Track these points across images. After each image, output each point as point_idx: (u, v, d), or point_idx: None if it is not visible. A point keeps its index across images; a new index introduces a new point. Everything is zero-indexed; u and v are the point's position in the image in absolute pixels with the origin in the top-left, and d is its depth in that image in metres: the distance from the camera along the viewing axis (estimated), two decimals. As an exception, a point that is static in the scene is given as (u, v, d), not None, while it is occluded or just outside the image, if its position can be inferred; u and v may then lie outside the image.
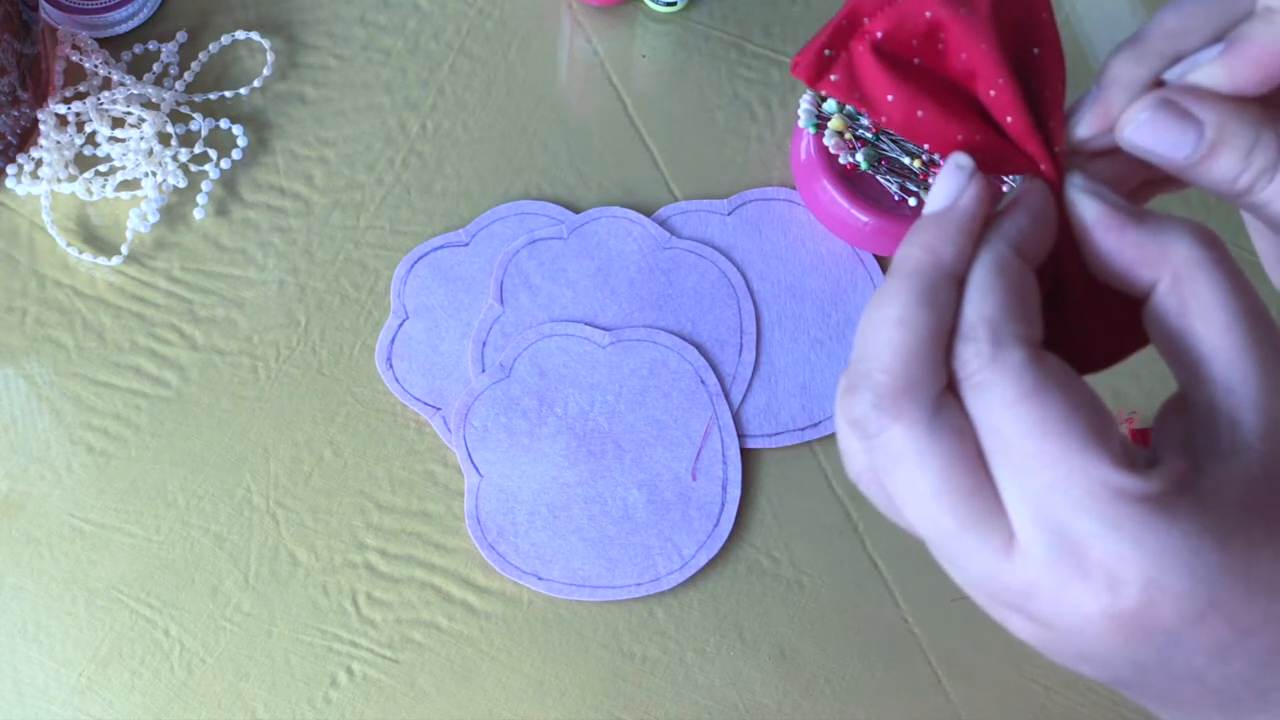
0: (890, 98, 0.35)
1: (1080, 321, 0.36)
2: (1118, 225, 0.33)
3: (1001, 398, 0.31)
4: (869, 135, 0.65)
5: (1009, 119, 0.35)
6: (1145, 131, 0.34)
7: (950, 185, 0.34)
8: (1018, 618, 0.32)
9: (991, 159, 0.35)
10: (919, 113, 0.35)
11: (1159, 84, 0.36)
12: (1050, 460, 0.30)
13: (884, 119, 0.35)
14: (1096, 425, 0.30)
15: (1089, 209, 0.34)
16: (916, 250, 0.33)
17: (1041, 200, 0.34)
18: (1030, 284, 0.33)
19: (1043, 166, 0.35)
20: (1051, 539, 0.30)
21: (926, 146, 0.35)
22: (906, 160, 0.65)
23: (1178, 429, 0.32)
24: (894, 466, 0.32)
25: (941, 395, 0.32)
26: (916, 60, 0.36)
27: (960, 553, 0.31)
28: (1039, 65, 0.36)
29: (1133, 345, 0.36)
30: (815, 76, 0.36)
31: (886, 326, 0.32)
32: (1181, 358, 0.32)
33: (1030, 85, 0.35)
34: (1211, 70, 0.34)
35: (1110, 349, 0.37)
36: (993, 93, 0.35)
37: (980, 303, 0.32)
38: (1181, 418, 0.33)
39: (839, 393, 0.33)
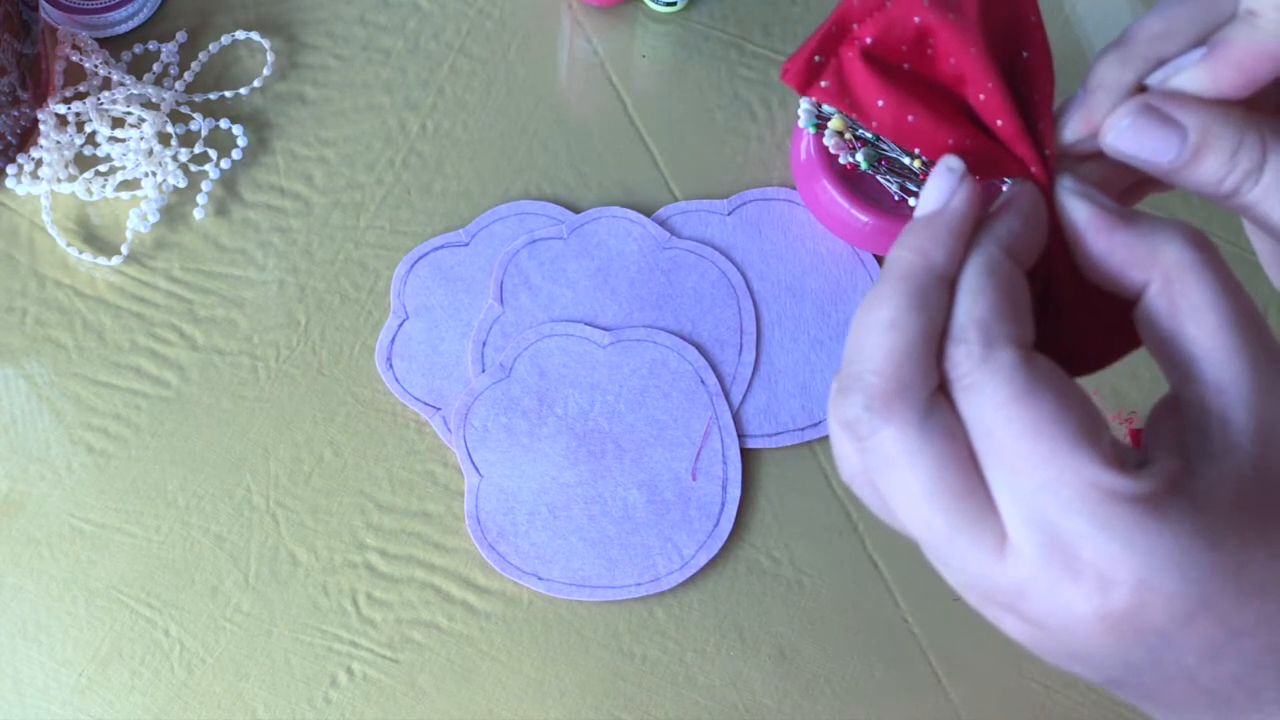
0: (880, 103, 0.35)
1: (1072, 323, 0.36)
2: (1108, 227, 0.33)
3: (992, 399, 0.31)
4: (869, 135, 0.65)
5: (999, 122, 0.35)
6: (1127, 137, 0.34)
7: (941, 188, 0.34)
8: (1010, 618, 0.32)
9: (982, 162, 0.35)
10: (909, 117, 0.35)
11: (1142, 89, 0.36)
12: (1041, 461, 0.30)
13: (874, 124, 0.35)
14: (1087, 426, 0.31)
15: (1079, 211, 0.34)
16: (907, 253, 0.33)
17: (1032, 202, 0.34)
18: (1021, 285, 0.33)
19: (1033, 169, 0.35)
20: (1043, 539, 0.30)
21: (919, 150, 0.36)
22: (907, 160, 0.65)
23: (1170, 430, 0.33)
24: (886, 468, 0.32)
25: (933, 397, 0.32)
26: (906, 65, 0.36)
27: (953, 554, 0.32)
28: (1028, 68, 0.36)
29: (1125, 347, 0.36)
30: (805, 83, 0.36)
31: (878, 329, 0.32)
32: (1173, 359, 0.32)
33: (1019, 88, 0.36)
34: (1194, 74, 0.35)
35: (1103, 351, 0.37)
36: (982, 96, 0.35)
37: (971, 304, 0.32)
38: (1173, 418, 0.33)
39: (831, 395, 0.33)
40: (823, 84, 0.36)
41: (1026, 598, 0.31)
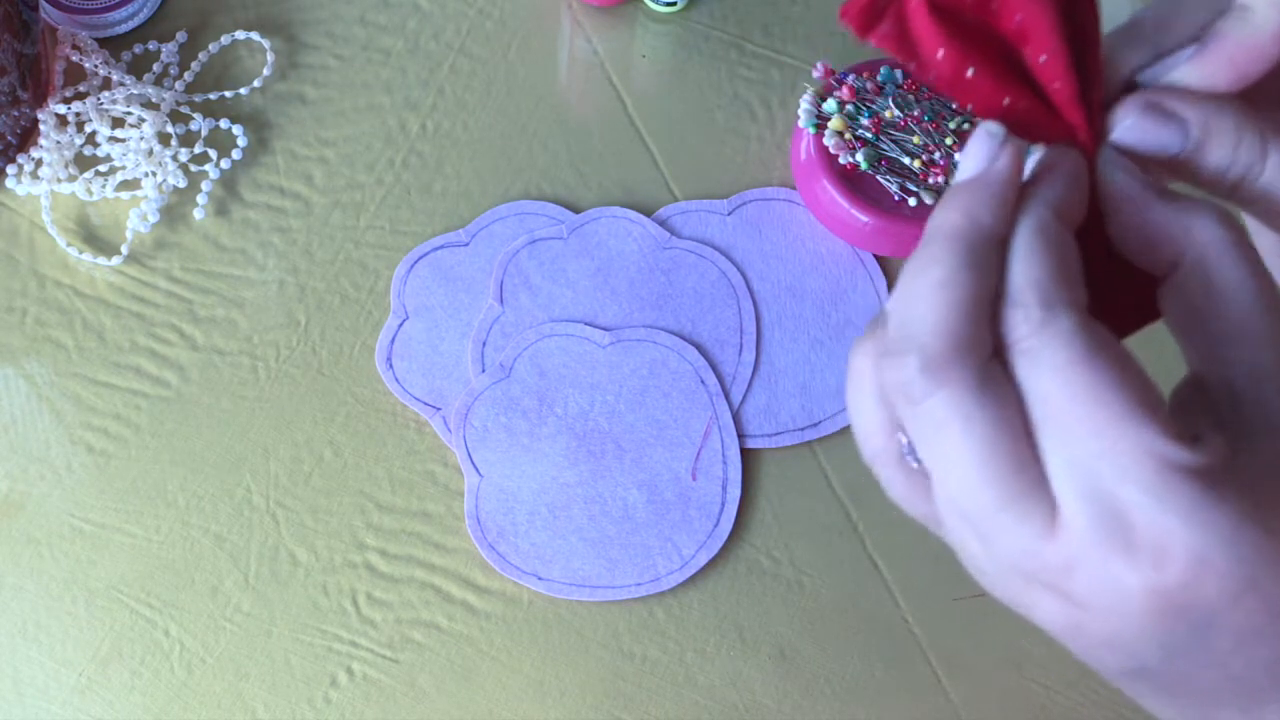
0: (941, 54, 0.34)
1: (1095, 293, 0.36)
2: (1147, 200, 0.33)
3: (1052, 363, 0.30)
4: (869, 135, 0.65)
5: (1056, 85, 0.34)
6: (1134, 133, 0.35)
7: (981, 152, 0.34)
8: (1050, 599, 0.31)
9: (1029, 126, 0.35)
10: (969, 71, 0.34)
11: (1133, 86, 0.36)
12: (1100, 428, 0.30)
13: (933, 75, 0.35)
14: (1146, 396, 0.30)
15: (1122, 182, 0.34)
16: (953, 214, 0.32)
17: (1077, 168, 0.34)
18: (1072, 249, 0.32)
19: (1080, 136, 0.35)
20: (1097, 511, 0.29)
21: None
22: (906, 160, 0.65)
23: (1197, 411, 0.32)
24: (935, 435, 0.31)
25: (989, 361, 0.31)
26: (969, 17, 0.35)
27: (999, 527, 0.31)
28: (1082, 34, 0.35)
29: (1142, 321, 0.36)
30: (865, 26, 0.35)
31: (930, 290, 0.31)
32: (1201, 337, 0.32)
33: (1078, 54, 0.35)
34: (1187, 70, 0.35)
35: (1121, 323, 0.36)
36: (1043, 58, 0.34)
37: (1027, 267, 0.31)
38: (1200, 399, 0.32)
39: (871, 362, 0.32)
40: (883, 29, 0.35)
41: (1075, 574, 0.30)
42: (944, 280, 0.31)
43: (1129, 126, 0.34)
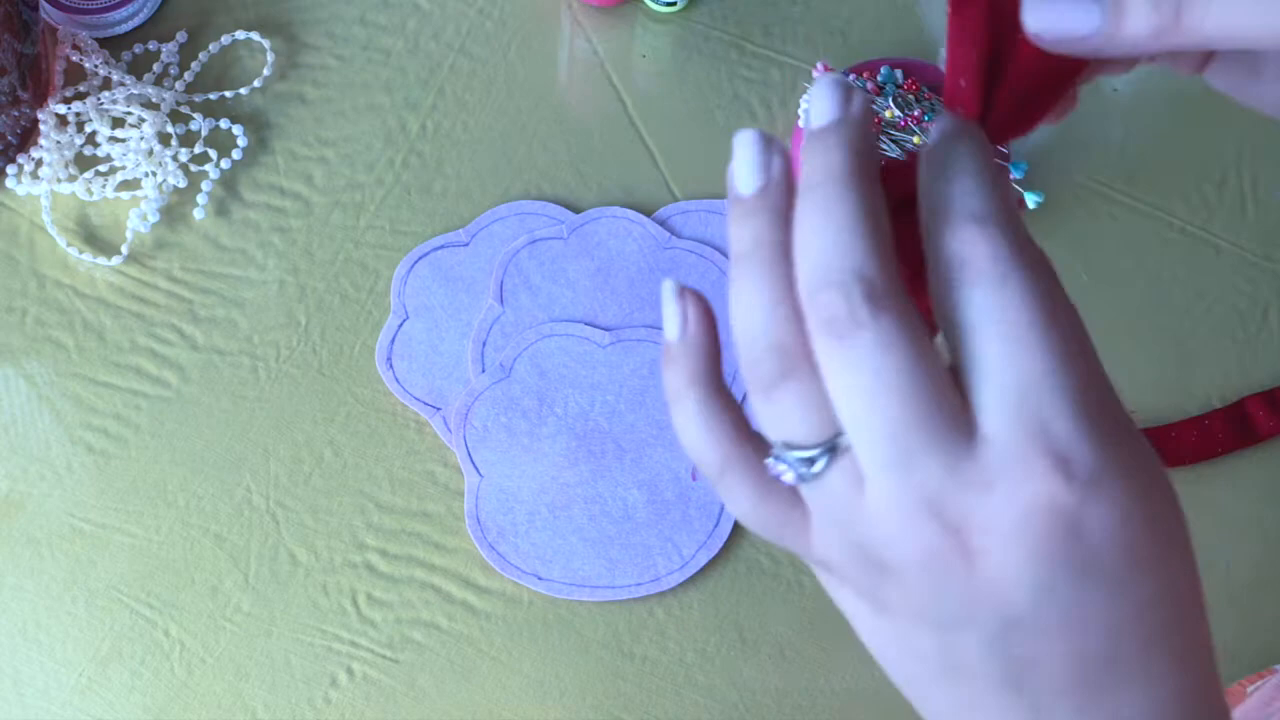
0: None
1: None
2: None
3: (1020, 287, 0.31)
4: (869, 135, 0.65)
5: (1025, 50, 0.34)
6: (1047, 15, 0.33)
7: (837, 97, 0.33)
8: (949, 536, 0.31)
9: (954, 89, 0.35)
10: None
11: None
12: (1040, 355, 0.30)
13: None
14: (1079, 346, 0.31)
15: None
16: (841, 154, 0.32)
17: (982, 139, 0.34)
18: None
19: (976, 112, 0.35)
20: (1025, 426, 0.30)
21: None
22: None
23: None
24: (872, 362, 0.31)
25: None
26: None
27: (925, 451, 0.30)
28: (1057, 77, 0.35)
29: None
30: None
31: (851, 223, 0.31)
32: None
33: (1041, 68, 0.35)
34: None
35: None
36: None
37: (985, 193, 0.32)
38: None
39: (679, 381, 0.34)
40: None
41: (991, 489, 0.30)
42: (861, 212, 0.31)
43: (1036, 3, 0.33)
